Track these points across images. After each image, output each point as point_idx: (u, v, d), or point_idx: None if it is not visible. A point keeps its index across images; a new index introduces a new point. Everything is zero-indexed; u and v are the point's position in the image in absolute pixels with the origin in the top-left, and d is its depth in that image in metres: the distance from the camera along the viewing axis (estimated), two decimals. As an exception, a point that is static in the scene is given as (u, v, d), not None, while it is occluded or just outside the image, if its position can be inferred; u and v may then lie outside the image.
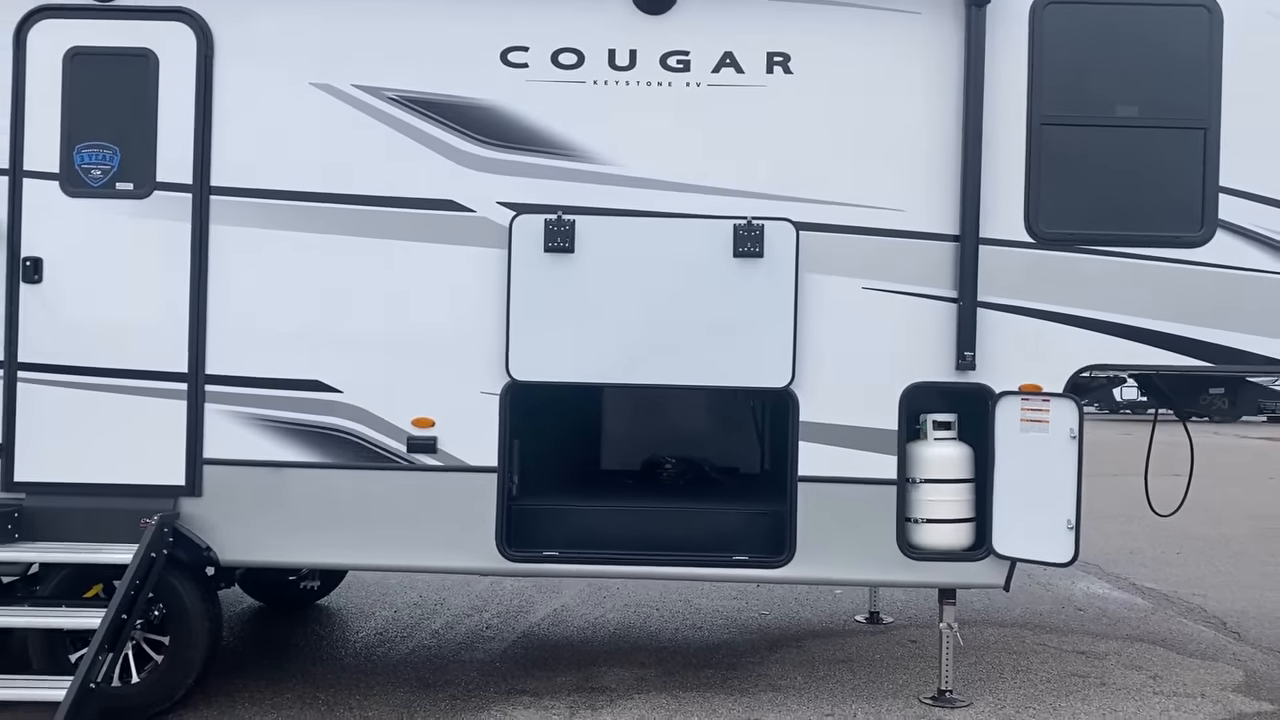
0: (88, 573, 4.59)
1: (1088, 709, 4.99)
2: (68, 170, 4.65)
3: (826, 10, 4.67)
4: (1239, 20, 4.63)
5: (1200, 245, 4.67)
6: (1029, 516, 4.59)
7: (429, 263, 4.65)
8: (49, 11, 4.65)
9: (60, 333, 4.66)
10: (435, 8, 4.67)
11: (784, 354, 4.60)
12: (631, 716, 4.79)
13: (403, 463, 4.67)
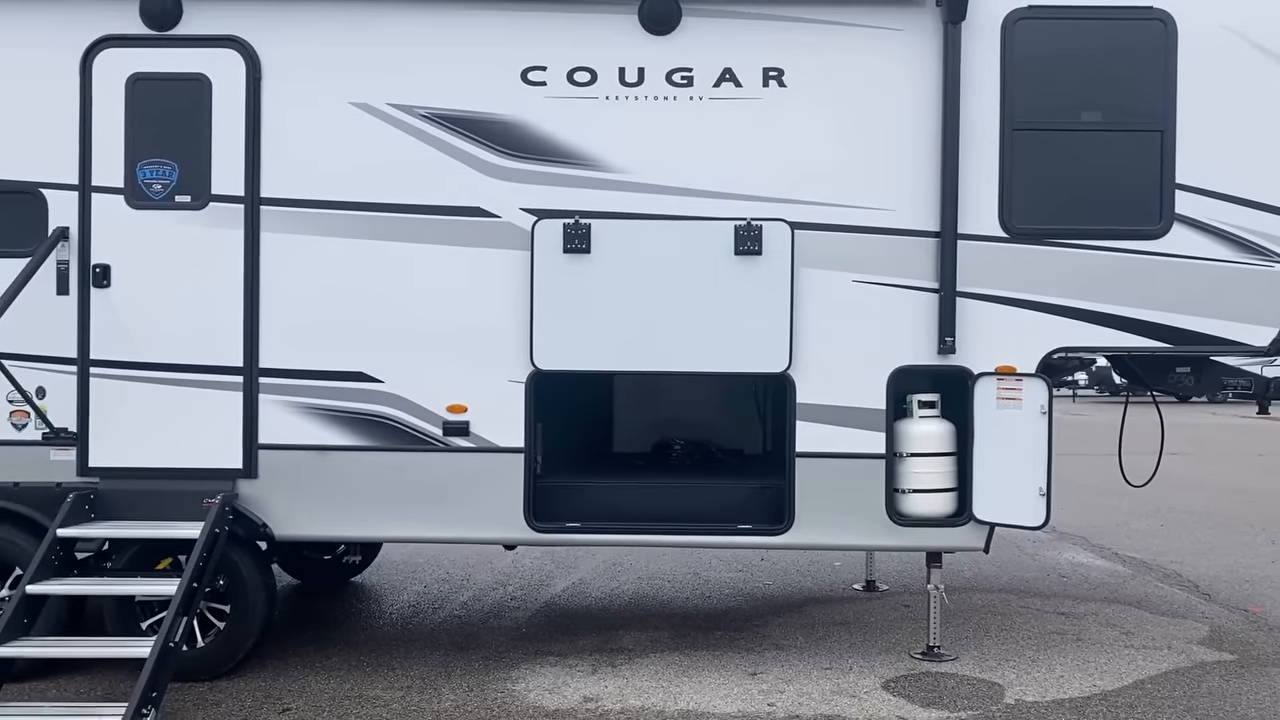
0: (157, 547, 5.09)
1: (1063, 661, 5.48)
2: (131, 185, 5.14)
3: (817, 28, 5.13)
4: (1191, 32, 5.08)
5: (1159, 237, 5.14)
6: (1005, 485, 5.07)
7: (460, 264, 5.13)
8: (112, 41, 5.13)
9: (127, 332, 5.14)
10: (461, 32, 5.13)
11: (781, 341, 5.08)
12: (648, 672, 5.29)
13: (439, 445, 5.16)
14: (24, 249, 5.09)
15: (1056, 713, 4.72)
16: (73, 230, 5.13)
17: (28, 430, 5.16)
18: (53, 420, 5.11)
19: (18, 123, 5.14)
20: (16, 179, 5.16)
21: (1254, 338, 5.16)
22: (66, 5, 5.14)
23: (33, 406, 5.04)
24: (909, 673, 5.30)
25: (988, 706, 4.80)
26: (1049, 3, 5.10)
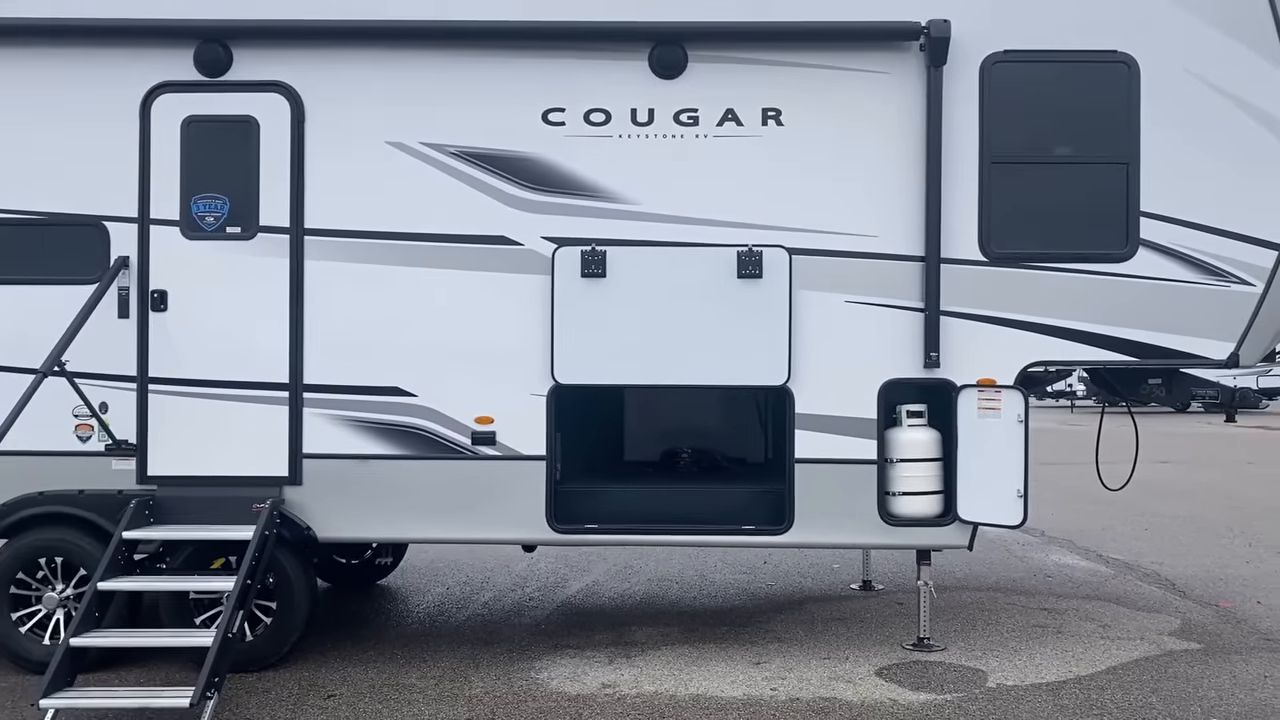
0: (211, 548, 5.55)
1: (1043, 650, 5.94)
2: (186, 217, 5.63)
3: (811, 72, 5.62)
4: (1153, 73, 5.57)
5: (1126, 260, 5.61)
6: (986, 487, 5.53)
7: (487, 287, 5.62)
8: (169, 87, 5.63)
9: (182, 352, 5.63)
10: (486, 77, 5.63)
11: (781, 357, 5.55)
12: (660, 662, 5.75)
13: (467, 453, 5.63)
14: (88, 276, 5.59)
15: (1034, 695, 5.17)
16: (132, 259, 5.62)
17: (91, 442, 5.64)
18: (115, 432, 5.58)
19: (83, 161, 5.63)
20: (82, 212, 5.65)
21: (1213, 352, 5.62)
22: (127, 54, 5.64)
23: (98, 420, 5.53)
24: (900, 661, 5.75)
25: (971, 690, 5.26)
26: (1023, 47, 5.60)
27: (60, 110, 5.65)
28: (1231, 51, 5.57)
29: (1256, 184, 5.57)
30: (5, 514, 5.61)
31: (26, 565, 5.65)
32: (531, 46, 5.62)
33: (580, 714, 4.94)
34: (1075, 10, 5.63)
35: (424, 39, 5.62)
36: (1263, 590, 7.46)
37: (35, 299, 5.64)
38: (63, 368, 5.33)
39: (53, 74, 5.66)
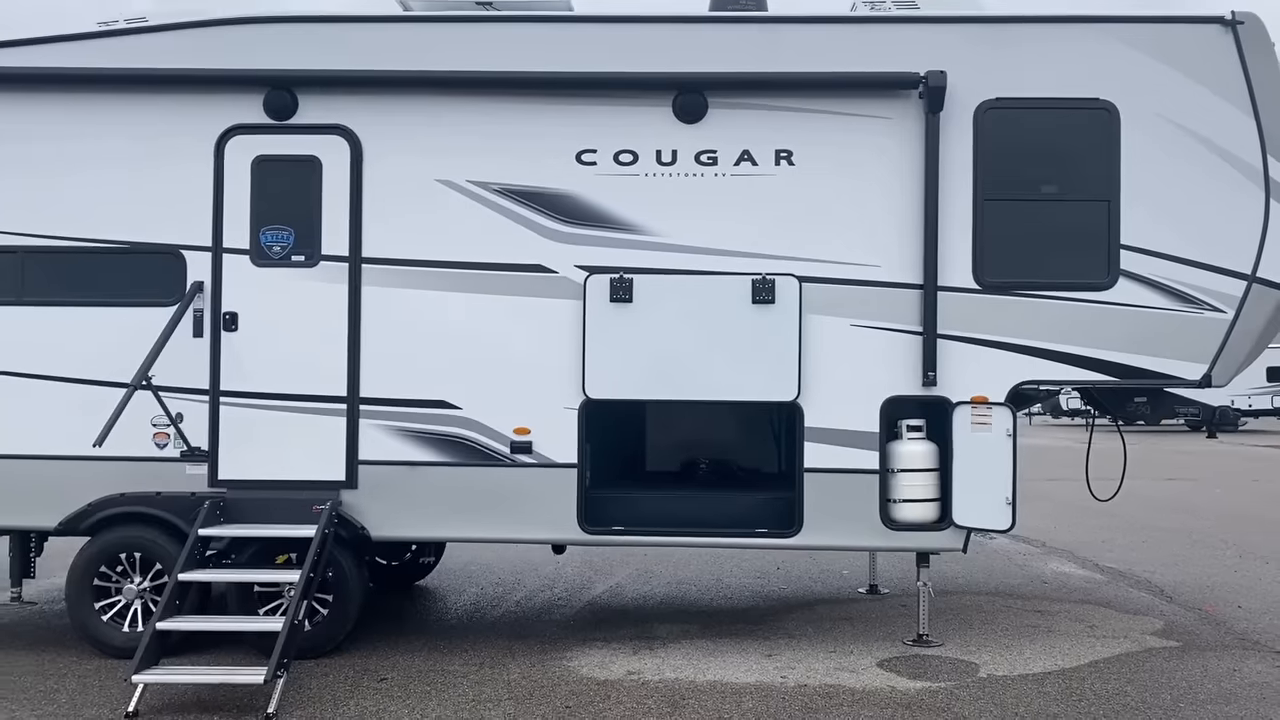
0: (275, 546, 6.14)
1: (1032, 646, 6.44)
2: (256, 246, 6.25)
3: (819, 117, 6.20)
4: (1131, 118, 6.11)
5: (1107, 289, 6.14)
6: (978, 495, 6.07)
7: (525, 311, 6.21)
8: (240, 129, 6.26)
9: (250, 368, 6.24)
10: (526, 121, 6.23)
11: (791, 375, 6.11)
12: (680, 654, 6.29)
13: (507, 461, 6.21)
14: (167, 299, 6.22)
15: (1020, 684, 5.68)
16: (207, 284, 6.25)
17: (167, 449, 6.25)
18: (190, 440, 6.19)
19: (163, 196, 6.27)
20: (162, 241, 6.29)
21: (1188, 373, 6.15)
22: (203, 100, 6.28)
23: (176, 429, 6.14)
24: (900, 655, 6.28)
25: (964, 679, 5.77)
26: (1012, 95, 6.16)
27: (143, 149, 6.29)
28: (1203, 99, 6.12)
29: (1226, 219, 6.10)
30: (90, 514, 6.23)
31: (108, 560, 6.27)
32: (567, 94, 6.23)
33: (609, 697, 5.48)
34: (1060, 62, 6.19)
35: (470, 87, 6.24)
36: (1245, 596, 7.93)
37: (119, 319, 6.26)
38: (149, 382, 5.95)
39: (137, 116, 6.31)
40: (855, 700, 5.43)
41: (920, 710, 5.26)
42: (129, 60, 6.32)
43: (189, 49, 6.33)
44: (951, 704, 5.36)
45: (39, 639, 6.71)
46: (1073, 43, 6.24)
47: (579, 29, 6.38)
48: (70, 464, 6.23)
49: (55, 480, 6.24)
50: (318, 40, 6.32)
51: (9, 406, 6.28)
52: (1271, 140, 6.08)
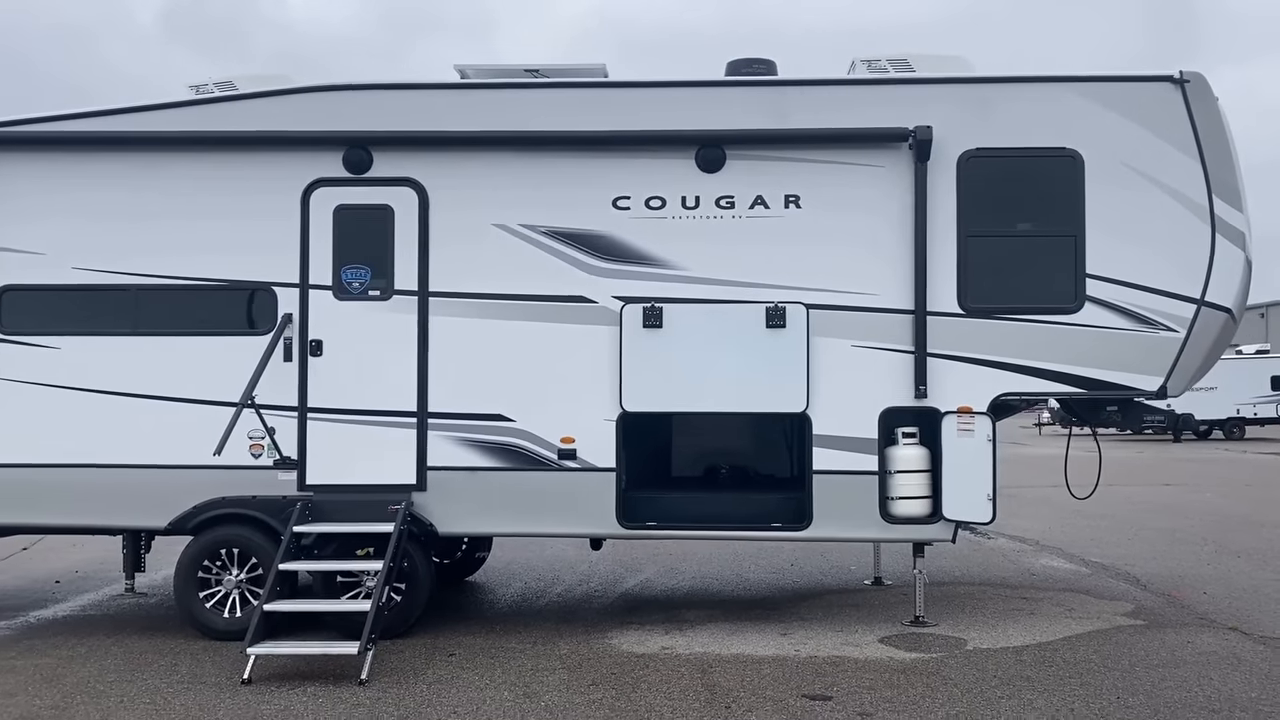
0: (356, 540, 7.09)
1: (1015, 626, 7.35)
2: (337, 283, 7.25)
3: (822, 166, 7.15)
4: (1094, 164, 7.05)
5: (1075, 312, 7.06)
6: (963, 493, 6.98)
7: (569, 336, 7.17)
8: (323, 182, 7.26)
9: (333, 387, 7.22)
10: (570, 172, 7.20)
11: (800, 389, 7.05)
12: (707, 633, 7.22)
13: (555, 466, 7.17)
14: (260, 329, 7.22)
15: (1001, 654, 6.59)
16: (295, 316, 7.24)
17: (261, 458, 7.23)
18: (282, 450, 7.17)
19: (258, 240, 7.27)
20: (256, 279, 7.29)
21: (1147, 385, 7.07)
22: (291, 157, 7.29)
23: (271, 440, 7.12)
24: (899, 633, 7.19)
25: (952, 651, 6.68)
26: (990, 145, 7.11)
27: (240, 199, 7.30)
28: (1156, 146, 7.05)
29: (1177, 250, 7.02)
30: (195, 515, 7.22)
31: (210, 555, 7.25)
32: (604, 149, 7.21)
33: (647, 666, 6.42)
34: (1032, 116, 7.15)
35: (520, 144, 7.23)
36: (1212, 584, 8.81)
37: (218, 347, 7.27)
38: (252, 401, 6.94)
39: (235, 171, 7.32)
40: (858, 668, 6.35)
41: (913, 674, 6.18)
42: (227, 123, 7.34)
43: (278, 113, 7.34)
44: (940, 669, 6.28)
45: (150, 624, 7.70)
46: (1042, 99, 7.20)
47: (613, 93, 7.38)
48: (177, 472, 7.22)
49: (164, 487, 7.22)
50: (389, 104, 7.34)
51: (124, 423, 7.27)
52: (1216, 182, 7.01)
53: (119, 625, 7.74)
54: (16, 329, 7.37)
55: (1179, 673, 6.13)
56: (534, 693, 5.89)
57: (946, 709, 5.53)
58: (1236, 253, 7.04)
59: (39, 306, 7.39)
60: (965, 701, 5.64)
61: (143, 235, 7.34)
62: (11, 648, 7.07)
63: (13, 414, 7.31)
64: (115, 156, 7.40)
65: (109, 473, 7.26)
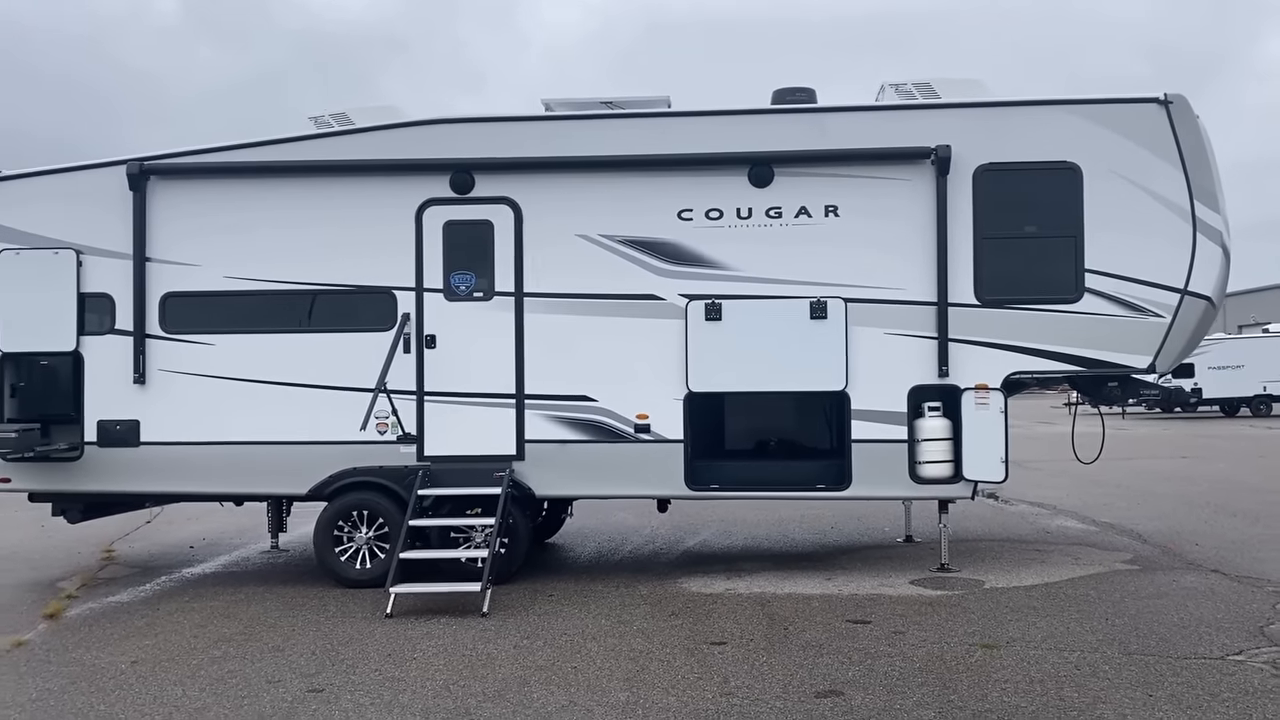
0: (465, 501, 8.44)
1: (1027, 570, 8.58)
2: (447, 287, 8.59)
3: (857, 180, 8.38)
4: (1092, 174, 8.21)
5: (1076, 301, 8.25)
6: (980, 456, 8.21)
7: (642, 328, 8.46)
8: (433, 201, 8.60)
9: (446, 374, 8.57)
10: (641, 189, 8.48)
11: (840, 371, 8.31)
12: (762, 579, 8.52)
13: (631, 438, 8.47)
14: (382, 327, 8.57)
15: (1013, 591, 7.83)
16: (412, 315, 8.59)
17: (386, 435, 8.60)
18: (404, 427, 8.54)
19: (380, 251, 8.62)
20: (379, 284, 8.65)
21: (1138, 363, 8.26)
22: (406, 181, 8.62)
23: (396, 419, 8.49)
24: (927, 577, 8.46)
25: (972, 589, 7.94)
26: (1002, 160, 8.30)
27: (364, 216, 8.65)
28: (1144, 158, 8.21)
29: (1163, 247, 8.18)
30: (331, 483, 8.61)
31: (344, 516, 8.63)
32: (670, 169, 8.48)
33: (716, 601, 7.73)
34: (1037, 134, 8.33)
35: (599, 166, 8.51)
36: (1204, 538, 9.98)
37: (347, 341, 8.63)
38: (385, 387, 8.32)
39: (359, 192, 8.67)
40: (892, 602, 7.62)
41: (938, 606, 7.45)
42: (348, 152, 8.69)
43: (391, 142, 8.68)
44: (961, 602, 7.54)
45: (291, 576, 9.13)
46: (1046, 119, 8.38)
47: (676, 121, 8.66)
48: (315, 447, 8.61)
49: (304, 460, 8.62)
50: (488, 134, 8.66)
51: (269, 407, 8.66)
52: (1196, 188, 8.17)
53: (265, 577, 9.18)
54: (178, 328, 8.79)
55: (1160, 602, 7.36)
56: (625, 620, 7.23)
57: (965, 629, 6.79)
58: (1215, 248, 8.20)
59: (196, 309, 8.80)
60: (980, 624, 6.91)
61: (283, 248, 8.72)
62: (181, 595, 8.52)
63: (176, 400, 8.73)
64: (258, 182, 8.78)
65: (257, 449, 8.67)
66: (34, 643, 7.02)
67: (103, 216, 8.82)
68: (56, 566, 9.95)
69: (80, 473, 8.82)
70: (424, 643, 6.74)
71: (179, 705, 5.58)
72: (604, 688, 5.70)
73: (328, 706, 5.49)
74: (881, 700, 5.38)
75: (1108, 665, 5.88)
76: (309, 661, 6.38)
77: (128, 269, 8.77)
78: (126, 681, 6.04)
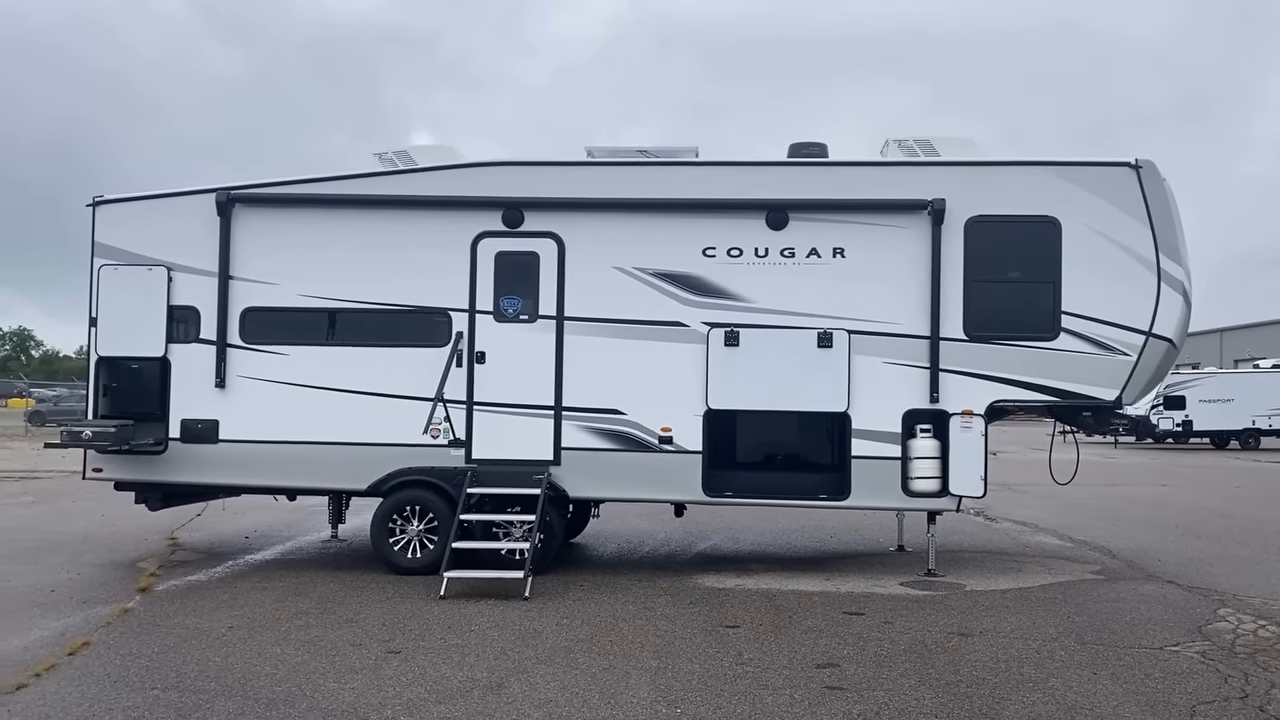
0: (509, 500, 9.53)
1: (1004, 577, 9.65)
2: (497, 309, 9.70)
3: (862, 226, 9.50)
4: (1070, 227, 9.33)
5: (1053, 339, 9.35)
6: (963, 473, 9.30)
7: (668, 351, 9.56)
8: (487, 234, 9.72)
9: (493, 387, 9.66)
10: (671, 227, 9.59)
11: (843, 394, 9.40)
12: (768, 578, 9.59)
13: (656, 448, 9.56)
14: (438, 344, 9.68)
15: (991, 593, 8.90)
16: (465, 334, 9.70)
17: (439, 439, 9.69)
18: (456, 433, 9.63)
19: (438, 277, 9.72)
20: (436, 306, 9.75)
21: (1107, 395, 9.35)
22: (463, 215, 9.74)
23: (450, 426, 9.58)
24: (915, 579, 9.52)
25: (954, 590, 9.00)
26: (989, 213, 9.42)
27: (424, 246, 9.76)
28: (1116, 215, 9.33)
29: (1130, 293, 9.28)
30: (388, 481, 9.70)
31: (398, 511, 9.71)
32: (696, 211, 9.60)
33: (728, 594, 8.80)
34: (1022, 191, 9.45)
35: (634, 207, 9.64)
36: (1167, 555, 11.04)
37: (407, 356, 9.74)
38: (442, 397, 9.42)
39: (421, 225, 9.79)
40: (883, 598, 8.69)
41: (923, 603, 8.51)
42: (413, 189, 9.82)
43: (452, 181, 9.81)
44: (944, 600, 8.61)
45: (347, 563, 10.21)
46: (1029, 178, 9.50)
47: (703, 169, 9.78)
48: (374, 449, 9.70)
49: (364, 459, 9.71)
50: (536, 176, 9.79)
51: (335, 411, 9.75)
52: (1162, 243, 9.28)
53: (322, 564, 10.26)
54: (256, 340, 9.89)
55: (1117, 605, 8.43)
56: (650, 607, 8.30)
57: (945, 621, 7.86)
58: (1177, 296, 9.30)
59: (273, 323, 9.90)
60: (958, 617, 7.97)
61: (351, 270, 9.83)
62: (252, 576, 9.59)
63: (252, 403, 9.83)
64: (330, 211, 9.90)
65: (324, 448, 9.76)
66: (138, 610, 8.09)
67: (192, 238, 9.95)
68: (130, 550, 11.03)
69: (164, 465, 9.92)
70: (477, 619, 7.81)
71: (281, 660, 6.65)
72: (637, 656, 6.77)
73: (407, 664, 6.56)
74: (871, 672, 6.45)
75: (1063, 651, 6.95)
76: (382, 630, 7.45)
77: (213, 285, 9.89)
78: (229, 642, 7.11)
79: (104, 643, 7.05)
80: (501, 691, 5.98)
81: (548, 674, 6.35)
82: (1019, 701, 5.84)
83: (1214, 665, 6.59)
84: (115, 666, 6.46)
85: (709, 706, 5.72)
